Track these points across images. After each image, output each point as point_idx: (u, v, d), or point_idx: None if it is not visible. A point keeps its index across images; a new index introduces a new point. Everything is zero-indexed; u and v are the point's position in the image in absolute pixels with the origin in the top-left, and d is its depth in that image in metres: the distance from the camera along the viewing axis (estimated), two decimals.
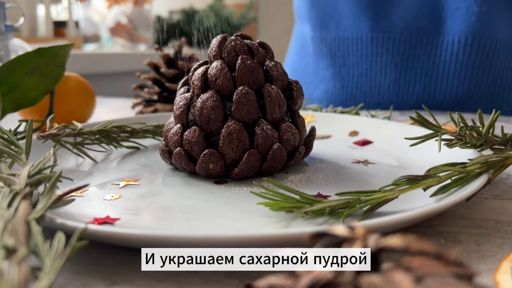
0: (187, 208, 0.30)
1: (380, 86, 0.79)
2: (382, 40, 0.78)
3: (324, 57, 0.85)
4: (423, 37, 0.76)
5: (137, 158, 0.44)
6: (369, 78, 0.81)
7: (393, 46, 0.78)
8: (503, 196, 0.34)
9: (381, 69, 0.80)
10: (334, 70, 0.84)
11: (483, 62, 0.76)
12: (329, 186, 0.35)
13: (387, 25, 0.78)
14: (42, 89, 0.53)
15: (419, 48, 0.77)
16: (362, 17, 0.80)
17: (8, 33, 0.66)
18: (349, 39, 0.81)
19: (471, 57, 0.75)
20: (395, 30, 0.78)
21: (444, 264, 0.14)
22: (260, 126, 0.36)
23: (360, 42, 0.80)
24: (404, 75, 0.79)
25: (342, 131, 0.53)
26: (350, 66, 0.82)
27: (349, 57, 0.82)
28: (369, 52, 0.80)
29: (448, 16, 0.75)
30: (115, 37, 1.87)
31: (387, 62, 0.79)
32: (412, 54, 0.77)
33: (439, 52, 0.76)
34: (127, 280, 0.22)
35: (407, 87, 0.78)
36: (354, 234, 0.15)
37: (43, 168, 0.27)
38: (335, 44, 0.83)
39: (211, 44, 0.40)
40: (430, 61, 0.77)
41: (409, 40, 0.77)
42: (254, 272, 0.23)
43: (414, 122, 0.36)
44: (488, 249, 0.25)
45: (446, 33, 0.75)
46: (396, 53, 0.78)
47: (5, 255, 0.18)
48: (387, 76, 0.79)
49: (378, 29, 0.79)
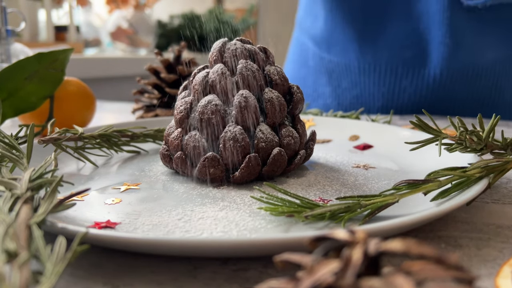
0: (188, 212, 0.30)
1: (370, 111, 0.81)
2: (369, 71, 0.80)
3: (323, 74, 0.86)
4: (409, 69, 0.77)
5: (137, 162, 0.44)
6: (360, 102, 0.83)
7: (379, 77, 0.80)
8: (504, 200, 0.34)
9: (369, 96, 0.82)
10: (332, 88, 0.86)
11: (467, 86, 0.77)
12: (330, 191, 0.35)
13: (373, 56, 0.80)
14: (42, 94, 0.53)
15: (404, 80, 0.78)
16: (349, 47, 0.82)
17: (9, 37, 0.66)
18: (340, 64, 0.83)
19: (456, 85, 0.77)
20: (381, 61, 0.79)
21: (444, 268, 0.14)
22: (261, 130, 0.36)
23: (349, 69, 0.82)
24: (391, 104, 0.80)
25: (343, 136, 0.53)
26: (344, 88, 0.84)
27: (342, 81, 0.84)
28: (358, 80, 0.82)
29: (433, 48, 0.76)
30: (115, 42, 1.87)
31: (375, 91, 0.81)
32: (398, 86, 0.79)
33: (425, 84, 0.77)
34: (127, 284, 0.22)
35: (395, 113, 0.79)
36: (355, 238, 0.15)
37: (44, 173, 0.27)
38: (331, 65, 0.84)
39: (211, 48, 0.40)
40: (416, 93, 0.78)
41: (395, 72, 0.78)
42: (255, 276, 0.23)
43: (415, 127, 0.36)
44: (489, 254, 0.25)
45: (432, 66, 0.76)
46: (382, 84, 0.80)
47: (6, 259, 0.18)
48: (376, 102, 0.81)
49: (364, 60, 0.80)
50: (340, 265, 0.14)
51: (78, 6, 1.85)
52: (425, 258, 0.14)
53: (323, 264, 0.15)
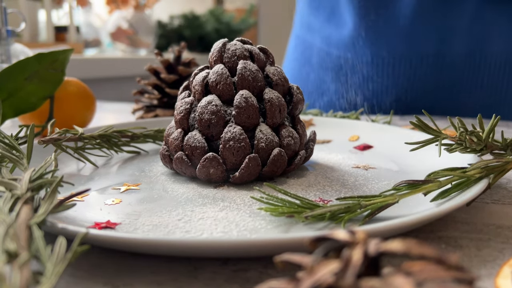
0: (187, 212, 0.30)
1: (381, 105, 0.80)
2: (382, 65, 0.79)
3: (329, 71, 0.85)
4: (422, 59, 0.77)
5: (137, 162, 0.44)
6: (371, 97, 0.82)
7: (393, 69, 0.79)
8: (504, 201, 0.34)
9: (382, 91, 0.80)
10: (339, 85, 0.85)
11: (480, 77, 0.76)
12: (330, 191, 0.35)
13: (387, 50, 0.79)
14: (42, 94, 0.53)
15: (419, 69, 0.78)
16: (360, 41, 0.81)
17: (10, 38, 0.66)
18: (349, 60, 0.82)
19: (474, 73, 0.76)
20: (395, 55, 0.78)
21: (444, 268, 0.14)
22: (261, 130, 0.36)
23: (360, 64, 0.81)
24: (405, 96, 0.79)
25: (343, 136, 0.53)
26: (352, 85, 0.83)
27: (351, 76, 0.83)
28: (370, 74, 0.81)
29: (448, 37, 0.75)
30: (115, 42, 1.87)
31: (388, 84, 0.80)
32: (413, 75, 0.78)
33: (439, 74, 0.77)
34: (128, 284, 0.22)
35: (408, 107, 0.78)
36: (355, 239, 0.15)
37: (44, 173, 0.27)
38: (339, 62, 0.84)
39: (212, 48, 0.40)
40: (432, 81, 0.77)
41: (409, 63, 0.78)
42: (255, 276, 0.23)
43: (414, 127, 0.36)
44: (489, 254, 0.25)
45: (448, 54, 0.76)
46: (397, 75, 0.79)
47: (6, 260, 0.18)
48: (388, 97, 0.80)
49: (378, 54, 0.80)
50: (340, 265, 0.14)
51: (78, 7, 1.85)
52: (425, 259, 0.14)
53: (323, 265, 0.15)
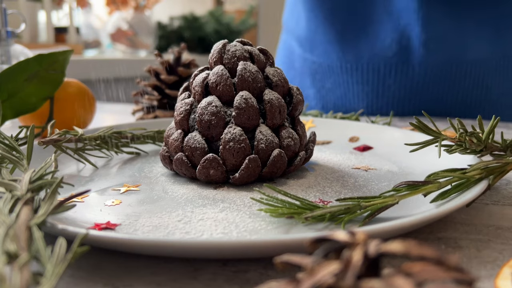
0: (187, 213, 0.30)
1: (356, 110, 0.81)
2: (351, 70, 0.80)
3: (307, 76, 0.86)
4: (391, 66, 0.77)
5: (137, 163, 0.44)
6: (345, 103, 0.83)
7: (362, 76, 0.79)
8: (503, 202, 0.34)
9: (353, 96, 0.82)
10: (316, 90, 0.86)
11: (451, 84, 0.77)
12: (330, 192, 0.35)
13: (355, 55, 0.80)
14: (42, 95, 0.53)
15: (388, 78, 0.78)
16: (331, 47, 0.82)
17: (9, 39, 0.66)
18: (323, 65, 0.83)
19: (440, 81, 0.76)
20: (363, 61, 0.79)
21: (444, 269, 0.14)
22: (261, 132, 0.36)
23: (332, 70, 0.82)
24: (376, 103, 0.80)
25: (343, 137, 0.53)
26: (327, 89, 0.84)
27: (326, 82, 0.84)
28: (341, 80, 0.82)
29: (414, 44, 0.76)
30: (115, 43, 1.87)
31: (359, 90, 0.80)
32: (381, 83, 0.79)
33: (409, 81, 0.77)
34: (128, 285, 0.22)
35: (380, 112, 0.79)
36: (355, 240, 0.15)
37: (44, 174, 0.27)
38: (314, 66, 0.84)
39: (212, 50, 0.40)
40: (400, 89, 0.78)
41: (377, 71, 0.78)
42: (255, 277, 0.23)
43: (414, 128, 0.36)
44: (489, 255, 0.25)
45: (415, 62, 0.76)
46: (365, 82, 0.80)
47: (6, 261, 0.18)
48: (360, 102, 0.81)
49: (346, 59, 0.80)
50: (340, 266, 0.14)
51: (78, 8, 1.85)
52: (425, 260, 0.14)
53: (323, 266, 0.15)
